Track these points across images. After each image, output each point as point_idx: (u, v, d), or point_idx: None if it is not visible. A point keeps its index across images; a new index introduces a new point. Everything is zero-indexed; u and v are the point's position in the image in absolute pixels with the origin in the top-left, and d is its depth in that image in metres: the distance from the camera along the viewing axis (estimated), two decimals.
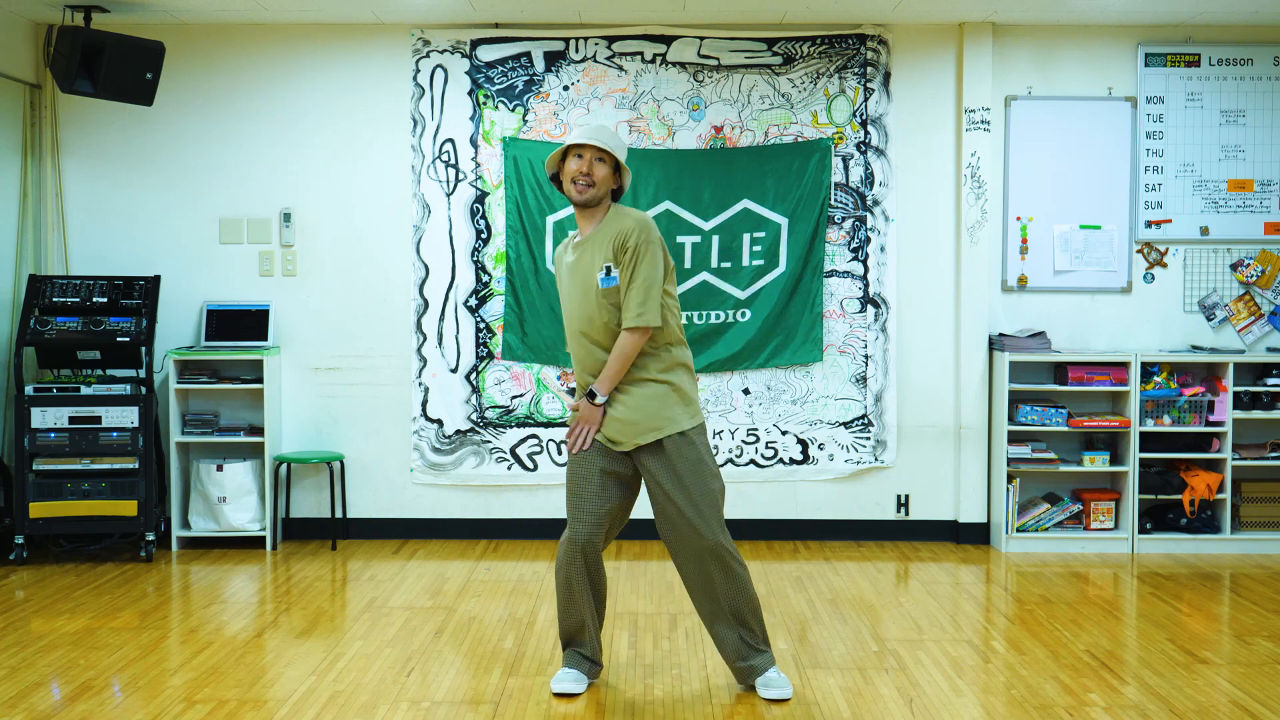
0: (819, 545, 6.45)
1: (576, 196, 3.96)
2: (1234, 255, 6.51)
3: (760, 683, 4.05)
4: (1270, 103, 6.46)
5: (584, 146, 3.94)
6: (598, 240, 3.98)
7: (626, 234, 3.91)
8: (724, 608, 4.01)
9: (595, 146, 3.93)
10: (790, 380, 6.45)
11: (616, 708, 3.98)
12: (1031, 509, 6.37)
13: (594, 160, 3.93)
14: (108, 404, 5.96)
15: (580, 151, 3.94)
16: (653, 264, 3.90)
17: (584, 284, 3.99)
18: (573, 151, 3.96)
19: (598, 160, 3.94)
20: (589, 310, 3.98)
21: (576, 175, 3.93)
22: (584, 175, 3.92)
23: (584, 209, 4.00)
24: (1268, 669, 4.39)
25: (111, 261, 6.42)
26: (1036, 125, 6.47)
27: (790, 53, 6.39)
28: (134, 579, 5.67)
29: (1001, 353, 6.31)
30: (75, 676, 4.26)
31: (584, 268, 3.99)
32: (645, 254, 3.89)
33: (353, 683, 4.21)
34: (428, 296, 6.44)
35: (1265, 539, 6.28)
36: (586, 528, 4.01)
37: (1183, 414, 6.25)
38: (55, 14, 6.08)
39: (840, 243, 6.43)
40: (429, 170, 6.42)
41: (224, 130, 6.46)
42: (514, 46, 6.39)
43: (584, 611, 4.08)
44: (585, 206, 3.99)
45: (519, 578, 5.73)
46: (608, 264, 3.91)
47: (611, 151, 3.94)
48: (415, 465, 6.48)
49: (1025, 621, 5.03)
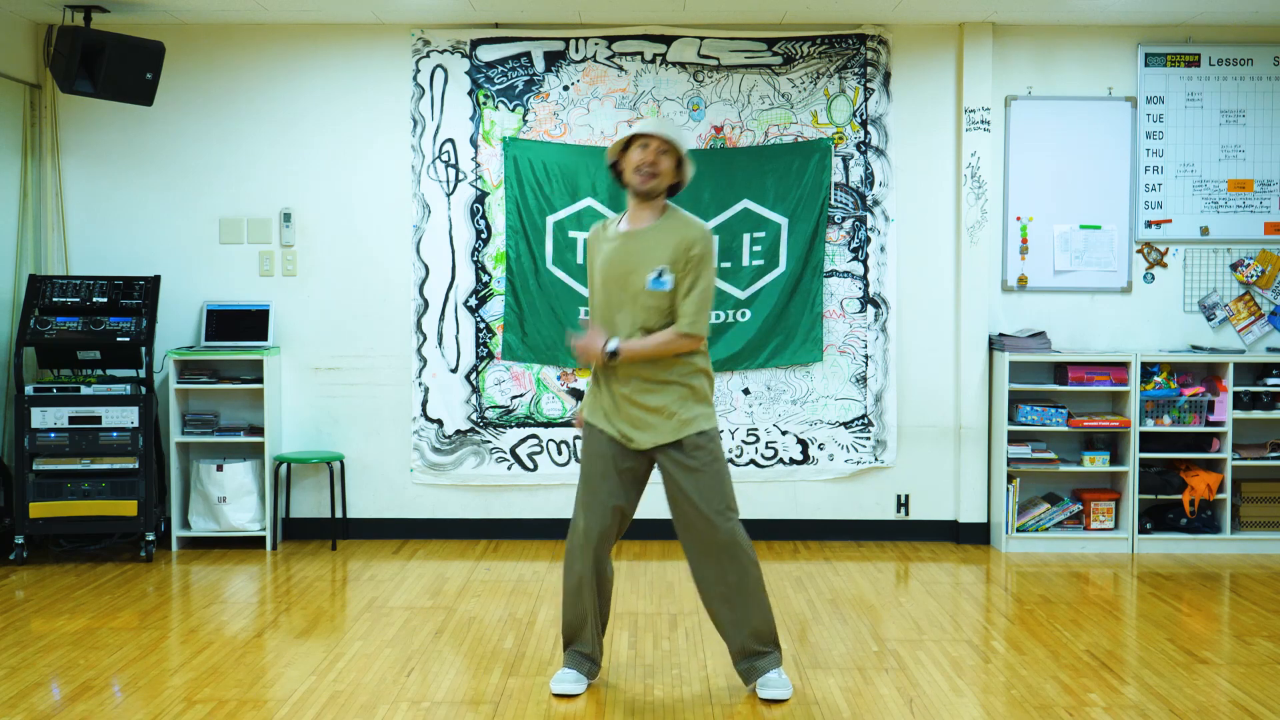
0: (819, 545, 6.45)
1: (639, 185, 3.94)
2: (1234, 255, 6.51)
3: (760, 682, 4.06)
4: (1270, 103, 6.46)
5: (650, 137, 3.93)
6: (653, 238, 3.95)
7: (693, 242, 3.92)
8: (735, 605, 4.01)
9: (661, 138, 3.93)
10: (790, 380, 6.46)
11: (616, 708, 3.98)
12: (1031, 509, 6.37)
13: (659, 152, 3.93)
14: (108, 404, 5.96)
15: (646, 141, 3.93)
16: (711, 276, 3.95)
17: (624, 275, 3.96)
18: (638, 141, 3.95)
19: (662, 153, 3.93)
20: (622, 302, 3.96)
21: (641, 164, 3.92)
22: (649, 165, 3.91)
23: (643, 199, 3.98)
24: (1268, 669, 4.39)
25: (111, 261, 6.42)
26: (1036, 125, 6.47)
27: (790, 53, 6.39)
28: (134, 579, 5.67)
29: (1001, 353, 6.31)
30: (75, 676, 4.26)
31: (629, 259, 3.95)
32: (707, 265, 3.93)
33: (353, 683, 4.21)
34: (428, 296, 6.44)
35: (1265, 539, 6.28)
36: (598, 523, 4.03)
37: (1183, 414, 6.25)
38: (55, 14, 6.08)
39: (840, 243, 6.43)
40: (429, 170, 6.42)
41: (224, 130, 6.46)
42: (514, 46, 6.39)
43: (588, 609, 4.08)
44: (646, 197, 3.96)
45: (519, 578, 5.73)
46: (662, 267, 3.90)
47: (677, 145, 3.95)
48: (415, 465, 6.48)
49: (1025, 621, 5.03)
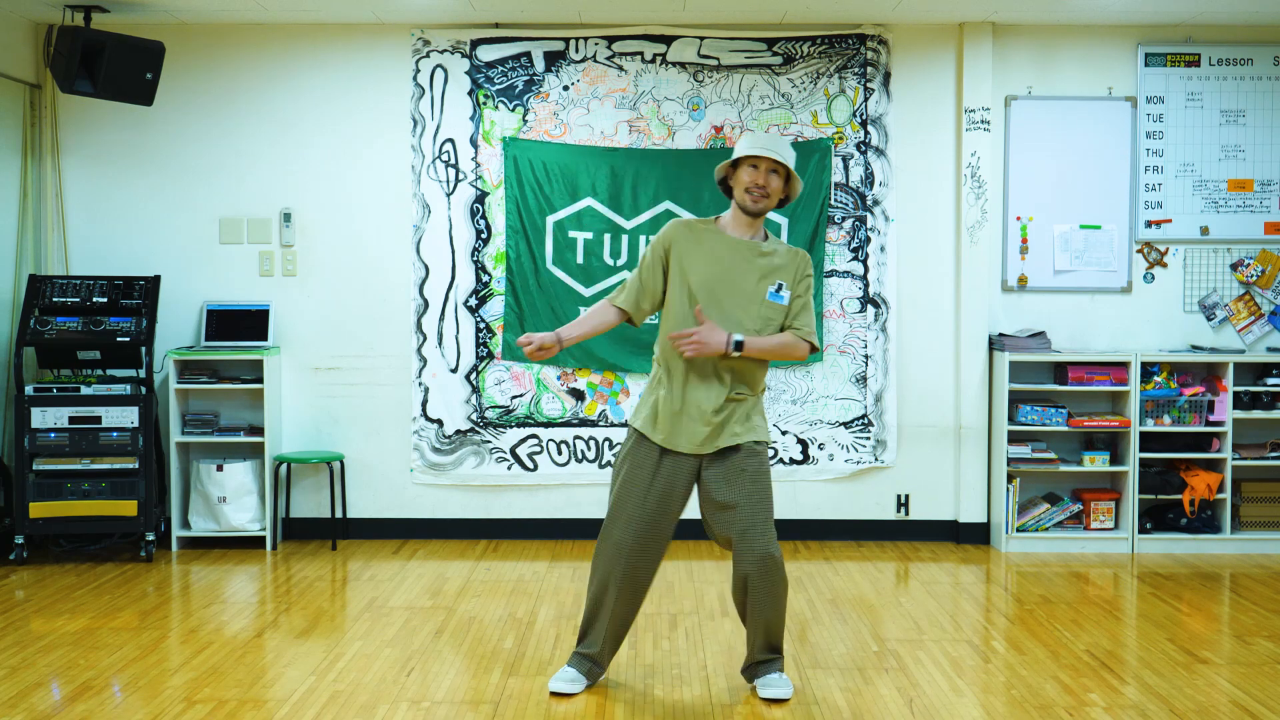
0: (819, 545, 6.45)
1: (751, 206, 3.97)
2: (1234, 255, 6.51)
3: (760, 683, 4.06)
4: (1270, 103, 6.46)
5: (759, 158, 3.94)
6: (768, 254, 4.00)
7: (808, 265, 4.06)
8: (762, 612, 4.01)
9: (771, 159, 3.94)
10: (790, 380, 6.45)
11: (616, 708, 3.98)
12: (1031, 509, 6.37)
13: (769, 172, 3.95)
14: (108, 404, 5.96)
15: (756, 162, 3.94)
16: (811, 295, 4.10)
17: (735, 280, 3.97)
18: (747, 161, 3.96)
19: (771, 172, 3.95)
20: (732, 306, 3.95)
21: (751, 186, 3.94)
22: (759, 187, 3.94)
23: (752, 216, 4.01)
24: (1268, 669, 4.39)
25: (111, 261, 6.41)
26: (1036, 125, 6.47)
27: (790, 53, 6.39)
28: (134, 579, 5.67)
29: (1001, 353, 6.31)
30: (75, 676, 4.26)
31: (734, 270, 3.97)
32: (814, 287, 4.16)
33: (353, 683, 4.21)
34: (428, 296, 6.44)
35: (1265, 539, 6.28)
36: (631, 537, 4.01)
37: (1183, 414, 6.25)
38: (55, 14, 6.08)
39: (840, 243, 6.43)
40: (429, 170, 6.42)
41: (224, 130, 6.46)
42: (514, 46, 6.39)
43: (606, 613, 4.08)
44: (756, 215, 4.01)
45: (519, 578, 5.73)
46: (782, 282, 3.99)
47: (787, 164, 3.97)
48: (415, 465, 6.48)
49: (1025, 621, 5.03)
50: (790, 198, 4.08)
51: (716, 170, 4.10)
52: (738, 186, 3.99)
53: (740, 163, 3.98)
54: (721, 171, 4.08)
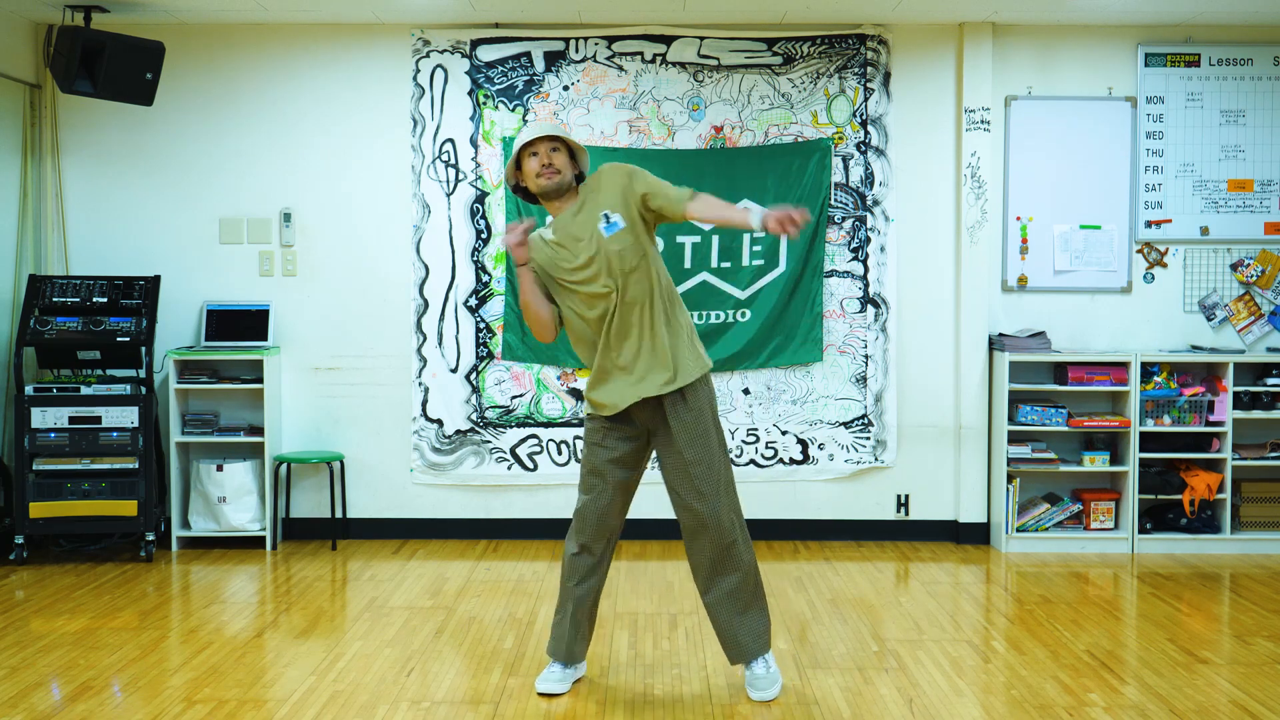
0: (819, 545, 6.45)
1: (546, 184, 3.96)
2: (1234, 255, 6.51)
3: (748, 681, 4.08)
4: (1270, 103, 6.46)
5: (534, 142, 3.97)
6: (587, 206, 3.98)
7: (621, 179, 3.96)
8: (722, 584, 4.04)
9: (546, 138, 3.97)
10: (790, 380, 6.46)
11: (616, 708, 3.98)
12: (1031, 509, 6.37)
13: (549, 151, 3.97)
14: (108, 404, 5.96)
15: (534, 148, 3.97)
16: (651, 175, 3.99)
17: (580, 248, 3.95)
18: (525, 152, 3.98)
19: (553, 150, 3.97)
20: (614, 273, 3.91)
21: (540, 169, 3.96)
22: (546, 166, 3.95)
23: (556, 197, 4.01)
24: (1268, 669, 4.39)
25: (111, 261, 6.42)
26: (1036, 125, 6.47)
27: (790, 53, 6.39)
28: (134, 579, 5.67)
29: (1001, 353, 6.31)
30: (75, 676, 4.26)
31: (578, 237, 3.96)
32: (642, 172, 3.98)
33: (353, 683, 4.22)
34: (428, 296, 6.44)
35: (1265, 539, 6.28)
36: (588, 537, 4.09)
37: (1183, 414, 6.25)
38: (55, 14, 6.08)
39: (840, 243, 6.43)
40: (429, 170, 6.42)
41: (224, 130, 6.46)
42: (514, 46, 6.39)
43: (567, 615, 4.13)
44: (557, 193, 3.99)
45: (519, 578, 5.73)
46: (605, 212, 3.93)
47: (564, 137, 3.99)
48: (415, 465, 6.48)
49: (1025, 621, 5.03)
50: (584, 171, 4.07)
51: (505, 176, 4.12)
52: (529, 179, 4.00)
53: (521, 160, 4.00)
54: (511, 178, 4.10)
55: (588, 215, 3.98)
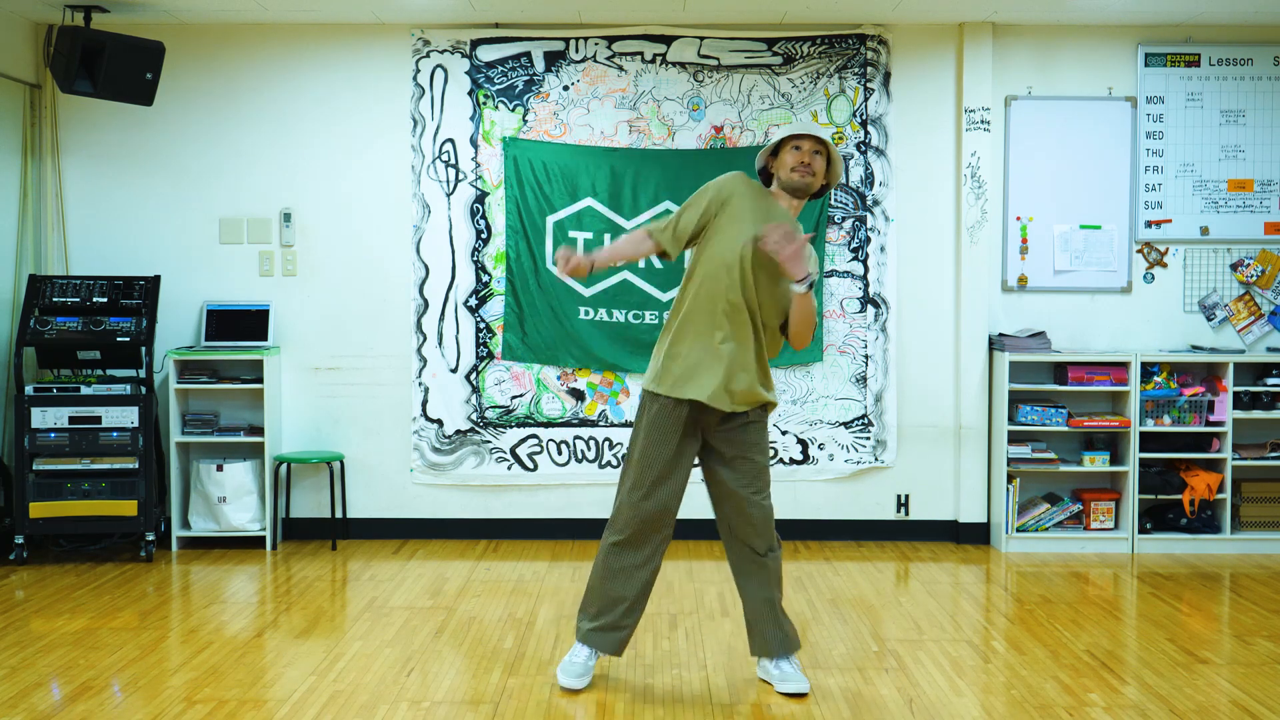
0: (819, 545, 6.45)
1: (800, 181, 4.00)
2: (1234, 255, 6.51)
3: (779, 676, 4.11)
4: (1270, 103, 6.46)
5: (802, 138, 4.00)
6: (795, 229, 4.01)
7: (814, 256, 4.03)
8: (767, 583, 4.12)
9: (815, 139, 4.00)
10: (790, 380, 6.45)
11: (617, 707, 3.98)
12: (1031, 509, 6.37)
13: (812, 152, 4.01)
14: (108, 404, 5.96)
15: (798, 143, 4.01)
16: None
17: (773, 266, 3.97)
18: (789, 143, 4.02)
19: (815, 153, 4.01)
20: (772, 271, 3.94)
21: (798, 164, 3.99)
22: (804, 165, 3.99)
23: (795, 195, 4.04)
24: (1268, 669, 4.39)
25: (111, 261, 6.42)
26: (1036, 125, 6.47)
27: (790, 53, 6.39)
28: (134, 579, 5.67)
29: (1001, 353, 6.31)
30: (75, 676, 4.26)
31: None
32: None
33: (353, 683, 4.21)
34: (428, 296, 6.44)
35: (1265, 539, 6.28)
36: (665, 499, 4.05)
37: (1183, 414, 6.25)
38: (55, 14, 6.08)
39: (840, 243, 6.43)
40: (429, 170, 6.42)
41: (224, 130, 6.46)
42: (514, 46, 6.39)
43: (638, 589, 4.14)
44: (800, 194, 4.04)
45: (519, 578, 5.73)
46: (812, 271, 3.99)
47: (829, 145, 4.03)
48: (415, 465, 6.48)
49: (1025, 621, 5.03)
50: (831, 184, 4.13)
51: (757, 159, 4.14)
52: (782, 169, 4.03)
53: (782, 147, 4.03)
54: (762, 160, 4.12)
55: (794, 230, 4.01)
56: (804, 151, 4.00)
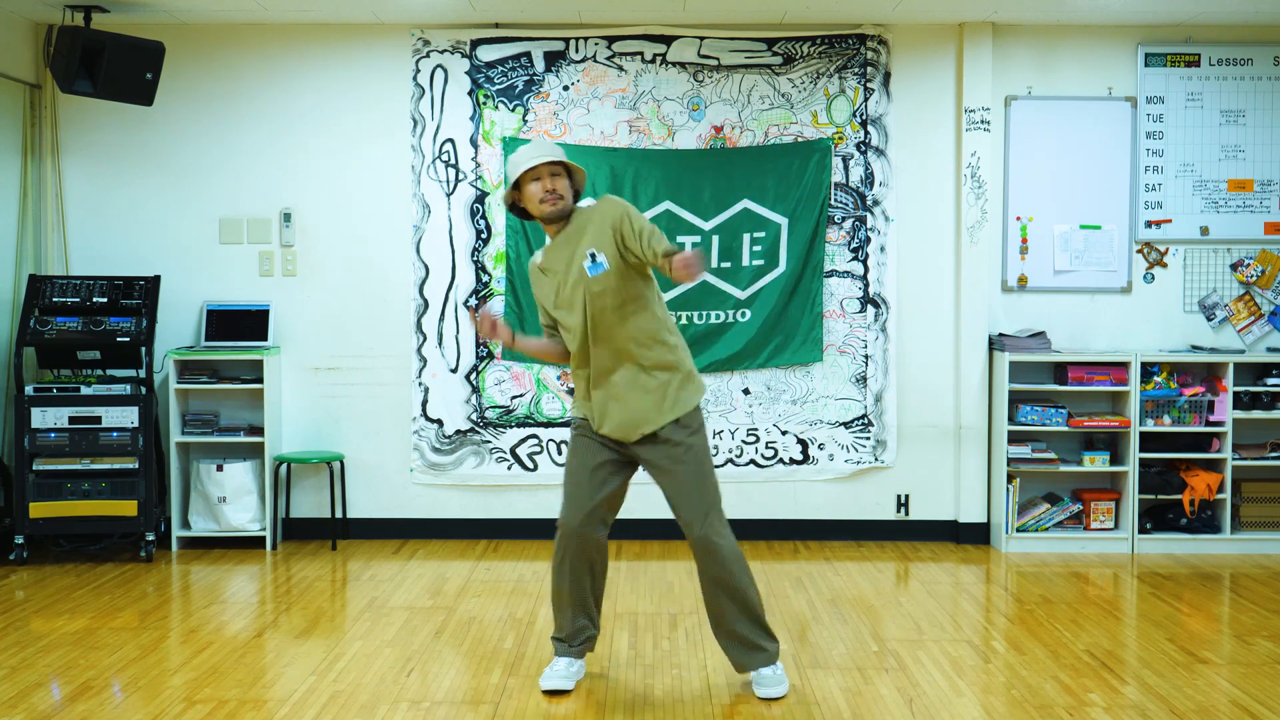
0: (819, 545, 6.45)
1: (550, 212, 3.96)
2: (1234, 255, 6.51)
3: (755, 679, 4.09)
4: (1270, 103, 6.46)
5: (535, 168, 3.94)
6: (576, 238, 3.97)
7: (613, 216, 3.91)
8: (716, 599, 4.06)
9: (548, 163, 3.95)
10: (790, 380, 6.46)
11: (616, 708, 3.98)
12: (1031, 509, 6.37)
13: (551, 176, 3.95)
14: (108, 404, 5.96)
15: (535, 174, 3.95)
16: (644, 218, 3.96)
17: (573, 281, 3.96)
18: (529, 176, 3.95)
19: (554, 175, 3.96)
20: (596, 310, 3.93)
21: (544, 195, 3.94)
22: (549, 193, 3.94)
23: (558, 220, 4.01)
24: (1268, 669, 4.39)
25: (111, 261, 6.42)
26: (1036, 125, 6.47)
27: (790, 53, 6.39)
28: (134, 579, 5.67)
29: (1001, 353, 6.31)
30: (75, 676, 4.26)
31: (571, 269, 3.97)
32: (637, 216, 3.93)
33: (353, 683, 4.22)
34: (428, 296, 6.44)
35: (1265, 539, 6.28)
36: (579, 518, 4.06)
37: (1183, 414, 6.25)
38: (55, 14, 6.08)
39: (840, 243, 6.43)
40: (429, 170, 6.42)
41: (224, 130, 6.46)
42: (514, 46, 6.39)
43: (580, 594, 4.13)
44: (559, 218, 4.00)
45: (519, 578, 5.73)
46: (591, 250, 3.91)
47: (563, 161, 3.98)
48: (415, 465, 6.48)
49: (1025, 621, 5.03)
50: (580, 188, 4.07)
51: (503, 198, 4.12)
52: (531, 204, 3.98)
53: (522, 183, 3.97)
54: (508, 199, 4.08)
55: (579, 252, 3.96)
56: (545, 180, 3.93)
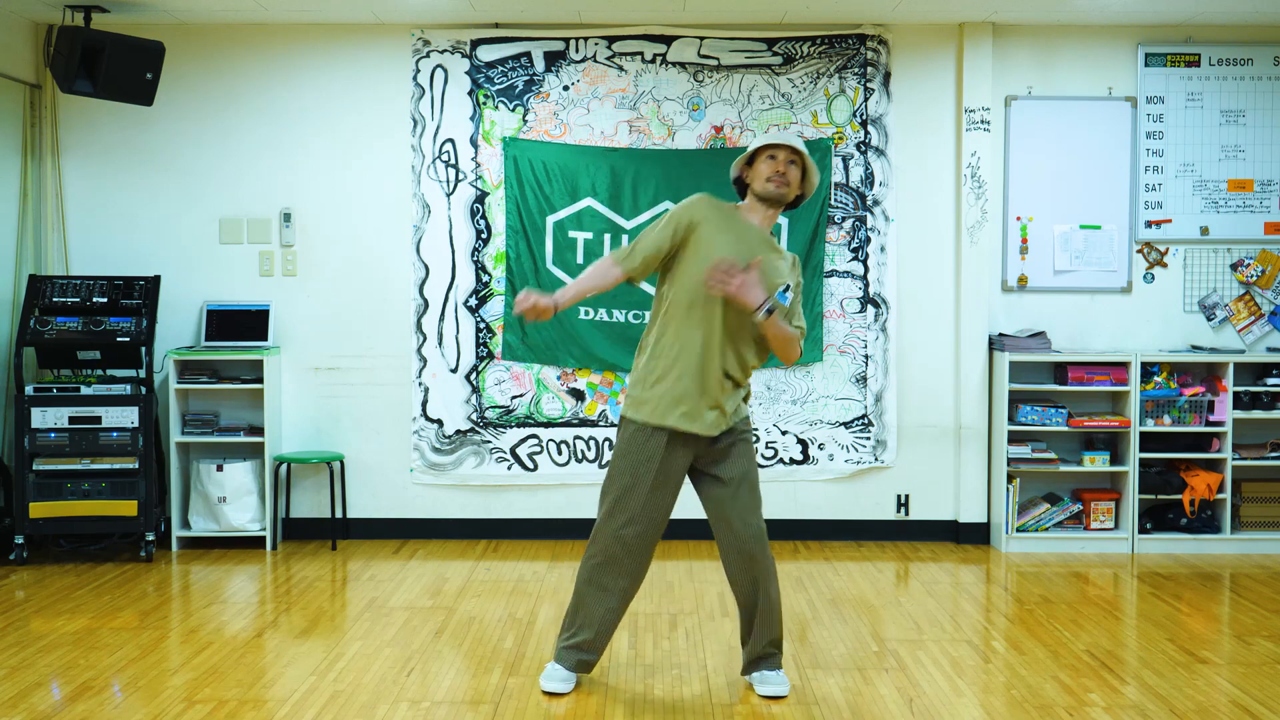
0: (819, 545, 6.45)
1: (774, 191, 3.97)
2: (1234, 255, 6.51)
3: (757, 678, 4.10)
4: (1270, 103, 6.46)
5: (778, 147, 3.98)
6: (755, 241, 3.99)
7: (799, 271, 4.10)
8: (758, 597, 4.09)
9: (790, 148, 3.98)
10: (790, 380, 6.45)
11: (616, 707, 3.98)
12: (1031, 509, 6.37)
13: (787, 163, 3.99)
14: (108, 404, 5.96)
15: (774, 152, 3.99)
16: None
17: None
18: (765, 152, 4.00)
19: (790, 163, 3.99)
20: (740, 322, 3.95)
21: (772, 174, 3.96)
22: (779, 174, 3.97)
23: (769, 205, 4.01)
24: (1268, 669, 4.39)
25: (111, 261, 6.42)
26: (1036, 125, 6.47)
27: (790, 53, 6.39)
28: (134, 579, 5.67)
29: (1001, 353, 6.31)
30: (75, 676, 4.26)
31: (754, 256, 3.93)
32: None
33: (353, 683, 4.21)
34: (428, 296, 6.44)
35: (1265, 539, 6.28)
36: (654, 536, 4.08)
37: (1183, 414, 6.25)
38: (55, 14, 6.08)
39: (840, 243, 6.43)
40: (429, 170, 6.42)
41: (224, 130, 6.46)
42: (514, 46, 6.39)
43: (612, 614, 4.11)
44: (774, 203, 4.01)
45: (519, 578, 5.73)
46: (789, 283, 4.00)
47: (804, 155, 4.01)
48: (415, 465, 6.48)
49: (1025, 621, 5.03)
50: (806, 195, 4.10)
51: (732, 167, 4.11)
52: (757, 179, 4.01)
53: (757, 156, 4.01)
54: (736, 169, 4.09)
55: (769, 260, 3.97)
56: (779, 161, 3.97)
